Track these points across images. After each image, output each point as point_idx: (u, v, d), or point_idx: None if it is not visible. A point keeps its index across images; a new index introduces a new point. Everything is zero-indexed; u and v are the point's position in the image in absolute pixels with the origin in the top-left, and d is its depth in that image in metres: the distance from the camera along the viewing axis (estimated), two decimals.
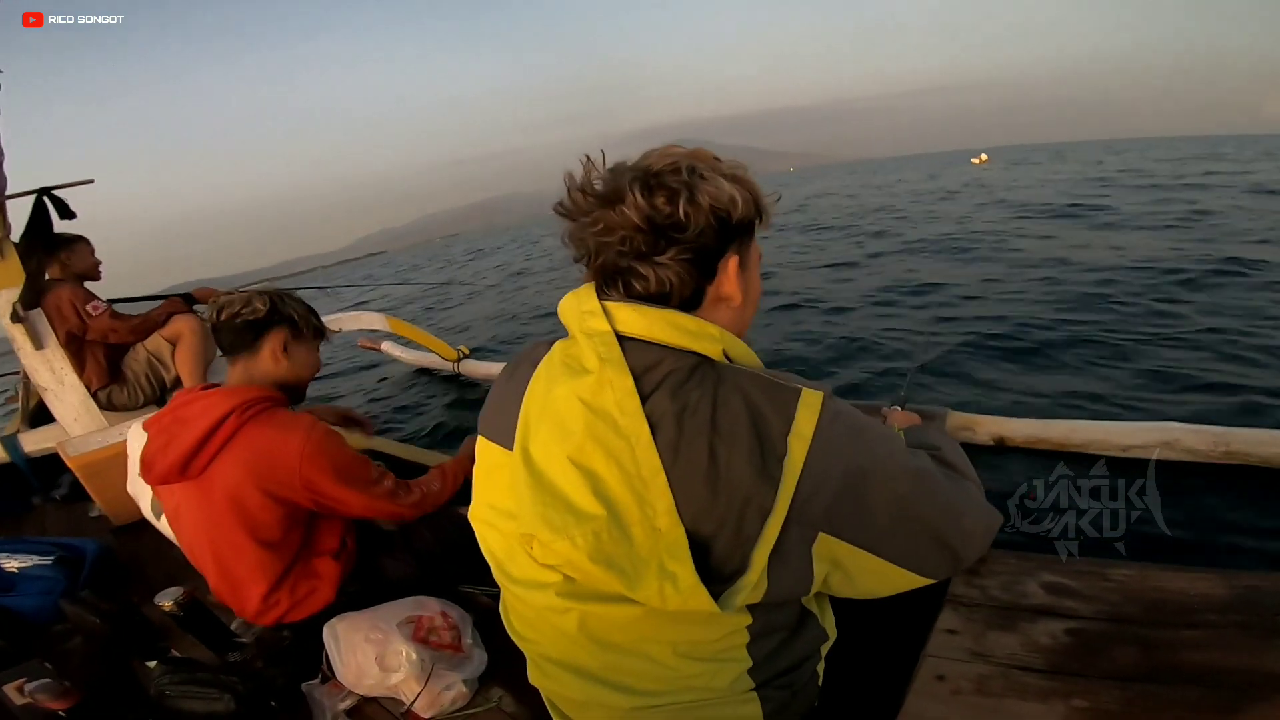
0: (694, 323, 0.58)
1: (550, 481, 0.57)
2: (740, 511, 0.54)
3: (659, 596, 0.54)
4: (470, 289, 10.47)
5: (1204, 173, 12.16)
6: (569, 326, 0.62)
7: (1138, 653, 0.74)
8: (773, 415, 0.54)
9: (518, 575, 0.65)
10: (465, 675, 1.09)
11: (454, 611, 1.21)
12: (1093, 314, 3.68)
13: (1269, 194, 8.21)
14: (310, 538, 1.25)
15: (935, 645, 0.80)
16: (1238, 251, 4.75)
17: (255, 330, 1.22)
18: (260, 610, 1.21)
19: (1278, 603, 0.77)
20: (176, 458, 1.12)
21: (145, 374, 2.41)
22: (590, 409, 0.56)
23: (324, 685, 1.14)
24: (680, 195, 0.55)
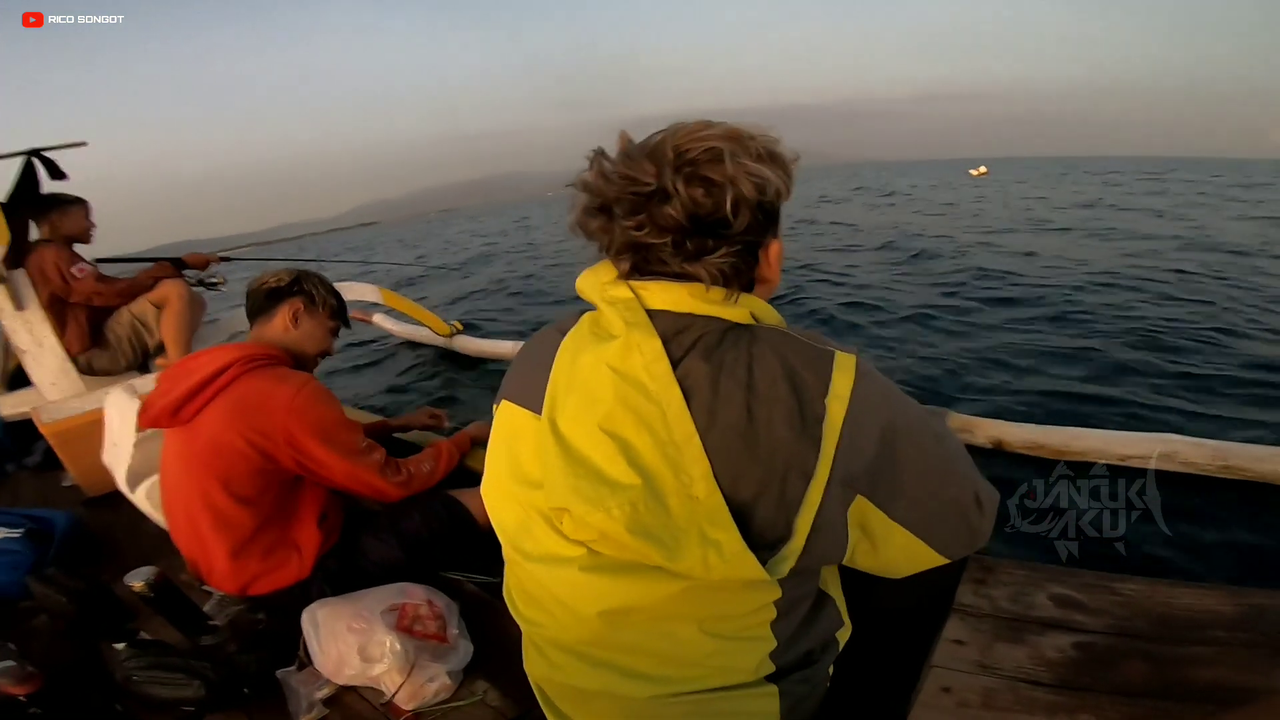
0: (723, 294, 0.57)
1: (580, 453, 0.54)
2: (782, 475, 0.52)
3: (702, 566, 0.52)
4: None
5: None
6: (590, 298, 0.60)
7: (1146, 668, 0.73)
8: (809, 376, 0.53)
9: (534, 551, 0.62)
10: (450, 667, 1.06)
11: (439, 600, 1.17)
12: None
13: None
14: (289, 502, 1.22)
15: (941, 656, 0.78)
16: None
17: (274, 297, 1.28)
18: (228, 573, 1.18)
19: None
20: (171, 400, 1.14)
21: (128, 338, 2.35)
22: (618, 374, 0.54)
23: (300, 673, 1.10)
24: (727, 190, 0.53)
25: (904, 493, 0.58)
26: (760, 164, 0.54)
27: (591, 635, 0.60)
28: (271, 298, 1.29)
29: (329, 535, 1.28)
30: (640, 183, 0.53)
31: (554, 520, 0.59)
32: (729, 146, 0.53)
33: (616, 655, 0.61)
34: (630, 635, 0.59)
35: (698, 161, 0.53)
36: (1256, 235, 6.94)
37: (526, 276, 8.30)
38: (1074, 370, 3.11)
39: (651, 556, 0.52)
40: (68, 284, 2.22)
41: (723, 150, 0.53)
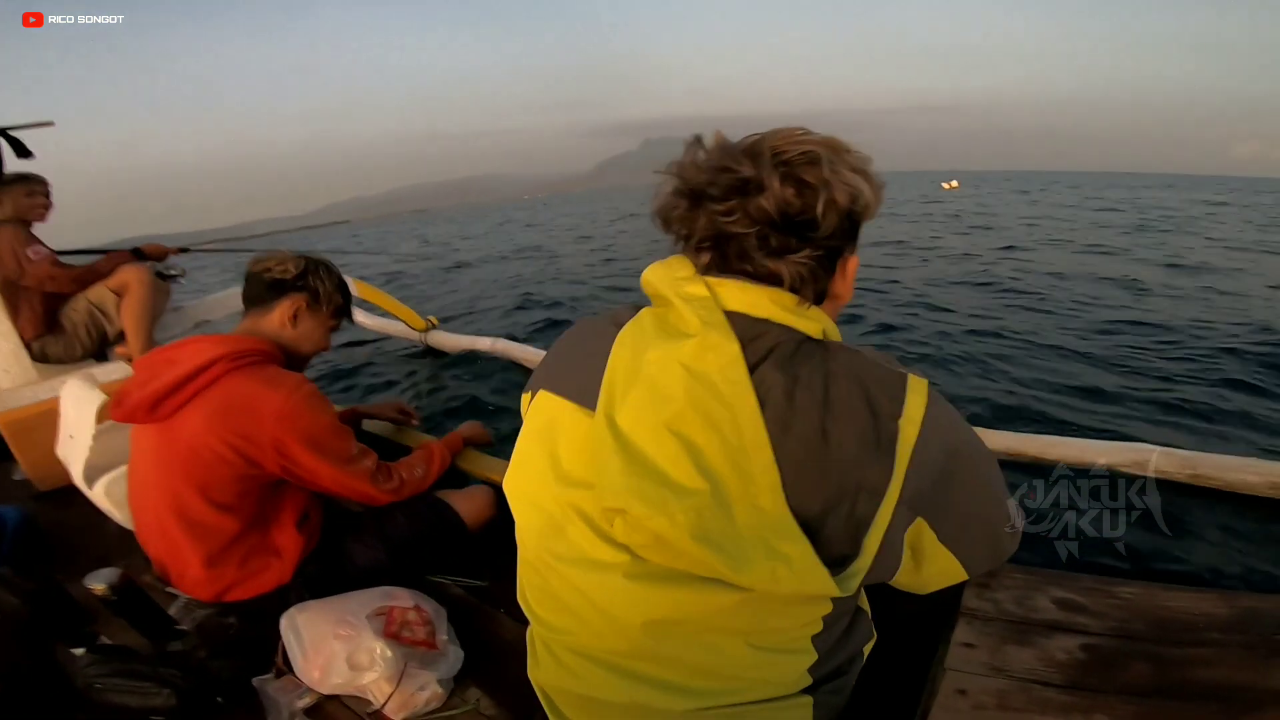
0: (800, 304, 0.57)
1: (641, 453, 0.52)
2: (854, 493, 0.52)
3: (770, 579, 0.50)
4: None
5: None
6: (662, 293, 0.58)
7: (1150, 669, 0.74)
8: (884, 397, 0.53)
9: (567, 553, 0.59)
10: (440, 675, 1.01)
11: (427, 604, 1.13)
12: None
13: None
14: (269, 506, 1.16)
15: (953, 659, 0.79)
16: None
17: (277, 289, 1.19)
18: (201, 581, 1.11)
19: (1276, 623, 0.78)
20: (149, 394, 1.05)
21: (85, 325, 2.22)
22: (691, 374, 0.52)
23: (279, 680, 1.04)
24: (820, 193, 0.53)
25: (956, 516, 0.59)
26: (855, 175, 0.55)
27: (629, 645, 0.58)
28: (273, 289, 1.19)
29: (310, 538, 1.22)
30: (735, 172, 0.53)
31: (599, 521, 0.56)
32: (827, 153, 0.54)
33: (651, 667, 0.58)
34: (672, 647, 0.57)
35: (794, 162, 0.53)
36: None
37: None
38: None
39: (713, 566, 0.50)
40: (21, 267, 2.10)
41: (820, 155, 0.54)
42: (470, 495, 1.42)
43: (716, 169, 0.54)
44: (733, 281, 0.56)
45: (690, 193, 0.56)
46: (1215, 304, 4.94)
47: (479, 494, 1.43)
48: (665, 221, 0.60)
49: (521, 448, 0.66)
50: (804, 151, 0.54)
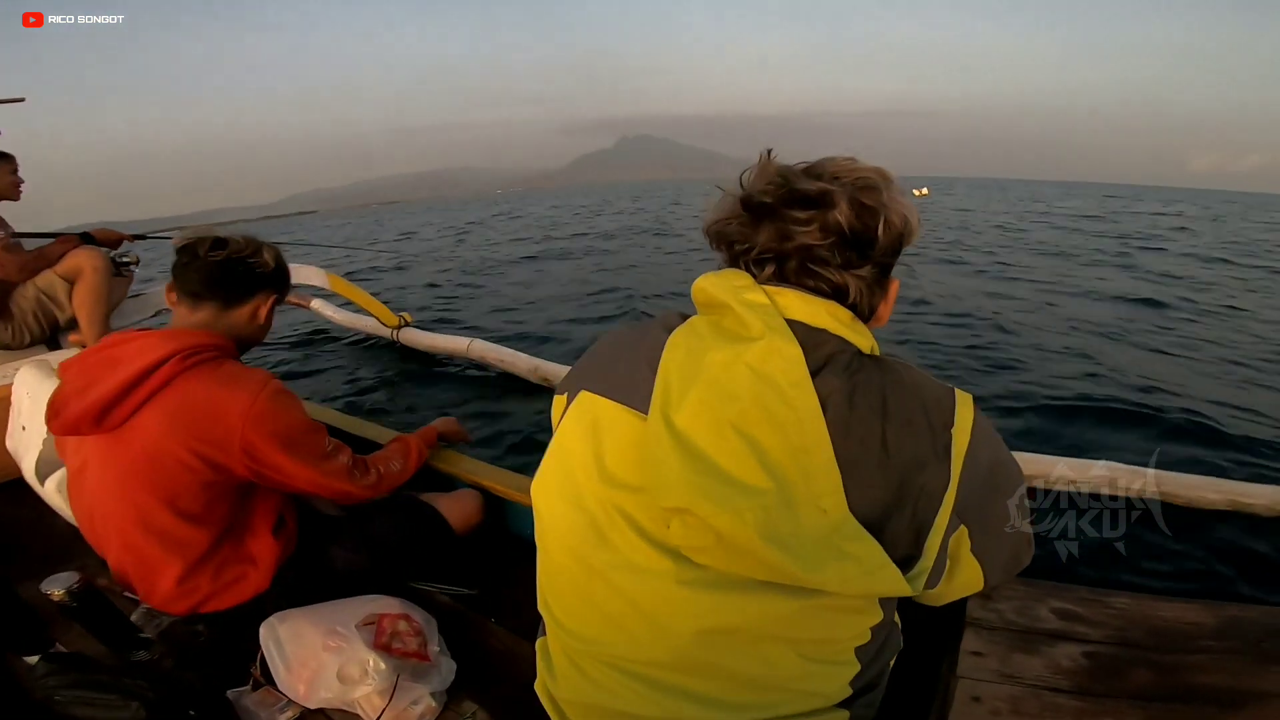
0: (850, 316, 0.59)
1: (702, 451, 0.52)
2: (915, 497, 0.53)
3: (840, 579, 0.51)
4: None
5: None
6: (721, 299, 0.58)
7: (1151, 675, 0.77)
8: (936, 408, 0.56)
9: (609, 558, 0.57)
10: (433, 687, 0.97)
11: (417, 614, 1.08)
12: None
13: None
14: (241, 513, 1.08)
15: (965, 667, 0.80)
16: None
17: (252, 284, 1.09)
18: (173, 596, 1.03)
19: (1260, 631, 0.83)
20: (93, 403, 0.93)
21: (34, 312, 2.07)
22: (757, 375, 0.53)
23: (256, 693, 0.98)
24: (880, 214, 0.57)
25: (991, 527, 0.61)
26: (904, 202, 0.59)
27: (673, 656, 0.56)
28: (250, 284, 1.08)
29: (287, 545, 1.14)
30: (805, 189, 0.55)
31: (648, 525, 0.56)
32: (881, 181, 0.57)
33: (693, 680, 0.57)
34: (723, 657, 0.56)
35: (856, 184, 0.57)
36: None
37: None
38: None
39: (783, 566, 0.50)
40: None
41: (878, 182, 0.57)
42: (457, 499, 1.37)
43: (786, 185, 0.57)
44: (793, 292, 0.58)
45: (758, 206, 0.58)
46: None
47: (466, 498, 1.39)
48: (721, 235, 0.62)
49: (560, 448, 0.64)
50: (861, 177, 0.57)
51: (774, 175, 0.58)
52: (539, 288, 7.04)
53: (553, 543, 0.64)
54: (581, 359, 0.70)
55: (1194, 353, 4.10)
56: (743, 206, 0.59)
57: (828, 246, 0.57)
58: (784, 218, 0.57)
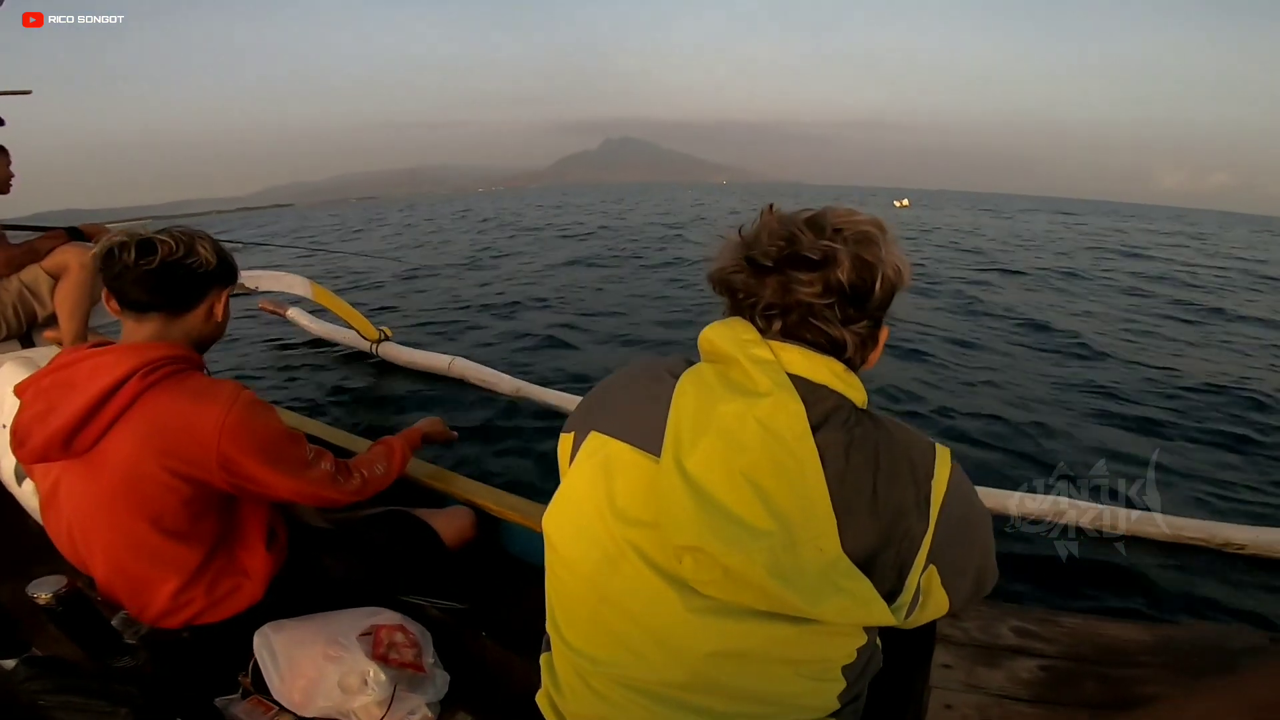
0: (849, 373, 0.64)
1: (713, 496, 0.57)
2: (900, 540, 0.59)
3: (838, 611, 0.56)
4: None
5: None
6: (728, 352, 0.62)
7: (1100, 686, 0.87)
8: (920, 463, 0.61)
9: (622, 587, 0.62)
10: (428, 698, 0.99)
11: (413, 626, 1.09)
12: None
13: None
14: (230, 526, 1.06)
15: (937, 678, 0.88)
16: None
17: (201, 286, 1.02)
18: (168, 610, 1.01)
19: (1190, 647, 0.94)
20: (58, 429, 0.90)
21: (14, 305, 1.99)
22: (765, 429, 0.58)
23: (245, 701, 0.97)
24: (878, 270, 0.60)
25: (960, 564, 0.66)
26: (898, 253, 0.63)
27: (687, 677, 0.61)
28: (198, 286, 1.02)
29: (279, 557, 1.13)
30: (810, 247, 0.59)
31: (659, 559, 0.60)
32: (878, 233, 0.62)
33: (704, 698, 0.61)
34: (730, 677, 0.61)
35: (857, 240, 0.60)
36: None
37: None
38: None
39: (788, 600, 0.56)
40: None
41: (876, 235, 0.61)
42: (451, 516, 1.39)
43: (788, 241, 0.59)
44: (795, 348, 0.62)
45: (760, 263, 0.61)
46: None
47: (459, 515, 1.41)
48: (726, 284, 0.64)
49: (572, 486, 0.68)
50: (861, 231, 0.60)
51: (779, 232, 0.60)
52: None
53: (564, 569, 0.68)
54: (588, 399, 0.74)
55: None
56: (747, 263, 0.62)
57: (828, 304, 0.60)
58: (788, 276, 0.60)
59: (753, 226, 0.64)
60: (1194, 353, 5.18)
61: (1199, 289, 8.60)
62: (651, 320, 5.69)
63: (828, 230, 0.60)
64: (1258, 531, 2.06)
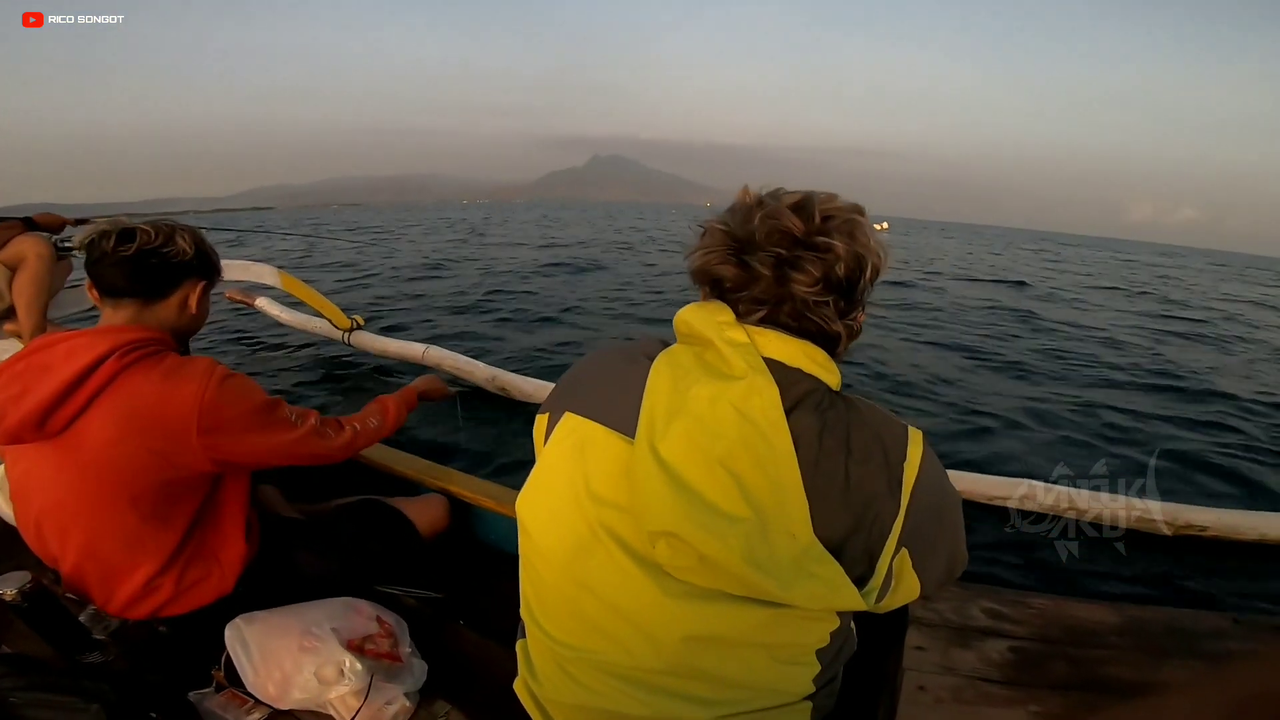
0: (824, 356, 0.63)
1: (688, 482, 0.56)
2: (870, 524, 0.59)
3: (809, 596, 0.56)
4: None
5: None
6: (705, 335, 0.62)
7: (1068, 667, 0.88)
8: (892, 445, 0.61)
9: (598, 571, 0.62)
10: (406, 688, 0.98)
11: (389, 616, 1.08)
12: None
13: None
14: (207, 512, 1.05)
15: (910, 660, 0.89)
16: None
17: (174, 275, 1.02)
18: (136, 598, 1.00)
19: (1157, 629, 0.96)
20: (32, 409, 0.89)
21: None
22: (741, 414, 0.57)
23: (219, 695, 0.96)
24: (868, 260, 0.60)
25: (931, 547, 0.66)
26: (875, 238, 0.62)
27: (664, 661, 0.61)
28: (172, 275, 1.02)
29: (253, 547, 1.12)
30: (806, 241, 0.58)
31: (634, 543, 0.60)
32: (861, 219, 0.61)
33: (681, 682, 0.62)
34: (706, 661, 0.61)
35: (845, 230, 0.59)
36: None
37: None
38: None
39: (762, 586, 0.56)
40: None
41: (860, 221, 0.60)
42: (425, 504, 1.38)
43: (783, 234, 0.58)
44: (772, 332, 0.61)
45: (757, 256, 0.59)
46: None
47: (433, 503, 1.39)
48: (708, 274, 0.63)
49: (547, 467, 0.67)
50: (848, 220, 0.59)
51: (771, 225, 0.59)
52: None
53: (539, 556, 0.67)
54: (564, 379, 0.73)
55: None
56: (737, 253, 0.60)
57: (824, 300, 0.60)
58: (785, 272, 0.59)
59: (736, 214, 0.62)
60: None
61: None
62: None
63: (817, 219, 0.59)
64: (1219, 514, 2.13)
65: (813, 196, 0.61)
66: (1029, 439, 3.26)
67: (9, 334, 1.96)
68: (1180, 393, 4.36)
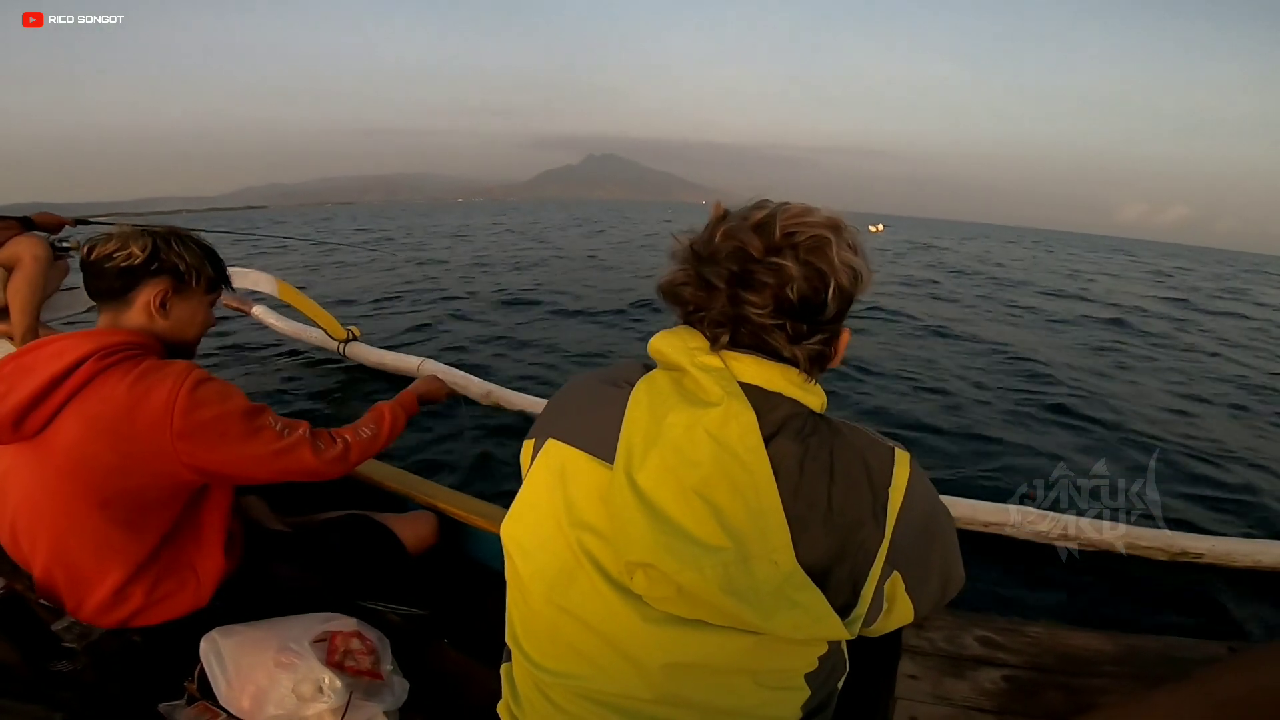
0: (803, 378, 0.62)
1: (664, 512, 0.55)
2: (854, 552, 0.57)
3: (791, 626, 0.55)
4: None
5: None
6: (677, 361, 0.61)
7: (1063, 696, 0.87)
8: (878, 468, 0.59)
9: (579, 598, 0.60)
10: (386, 706, 0.95)
11: (370, 633, 1.06)
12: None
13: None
14: (186, 521, 1.02)
15: (903, 689, 0.87)
16: None
17: (128, 279, 1.01)
18: (105, 606, 0.97)
19: (1153, 658, 0.95)
20: (10, 409, 0.89)
21: None
22: (717, 441, 0.56)
23: (190, 708, 0.93)
24: (830, 279, 0.57)
25: (923, 570, 0.64)
26: (854, 255, 0.60)
27: (646, 688, 0.59)
28: (124, 279, 1.01)
29: (233, 561, 1.09)
30: (756, 261, 0.57)
31: (613, 571, 0.58)
32: (833, 235, 0.58)
33: (663, 709, 0.60)
34: (689, 688, 0.59)
35: (807, 247, 0.57)
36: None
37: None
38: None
39: (741, 616, 0.54)
40: None
41: (829, 239, 0.57)
42: (412, 520, 1.35)
43: (737, 253, 0.57)
44: (748, 356, 0.60)
45: (709, 279, 0.58)
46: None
47: (421, 519, 1.37)
48: (675, 296, 0.62)
49: (530, 492, 0.66)
50: (814, 236, 0.57)
51: (727, 244, 0.58)
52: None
53: (523, 583, 0.66)
54: (548, 406, 0.72)
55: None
56: (698, 272, 0.60)
57: (778, 325, 0.58)
58: (736, 293, 0.58)
59: (703, 233, 0.61)
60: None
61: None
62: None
63: (777, 236, 0.57)
64: (1214, 541, 2.12)
65: (778, 212, 0.58)
66: None
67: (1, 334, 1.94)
68: None
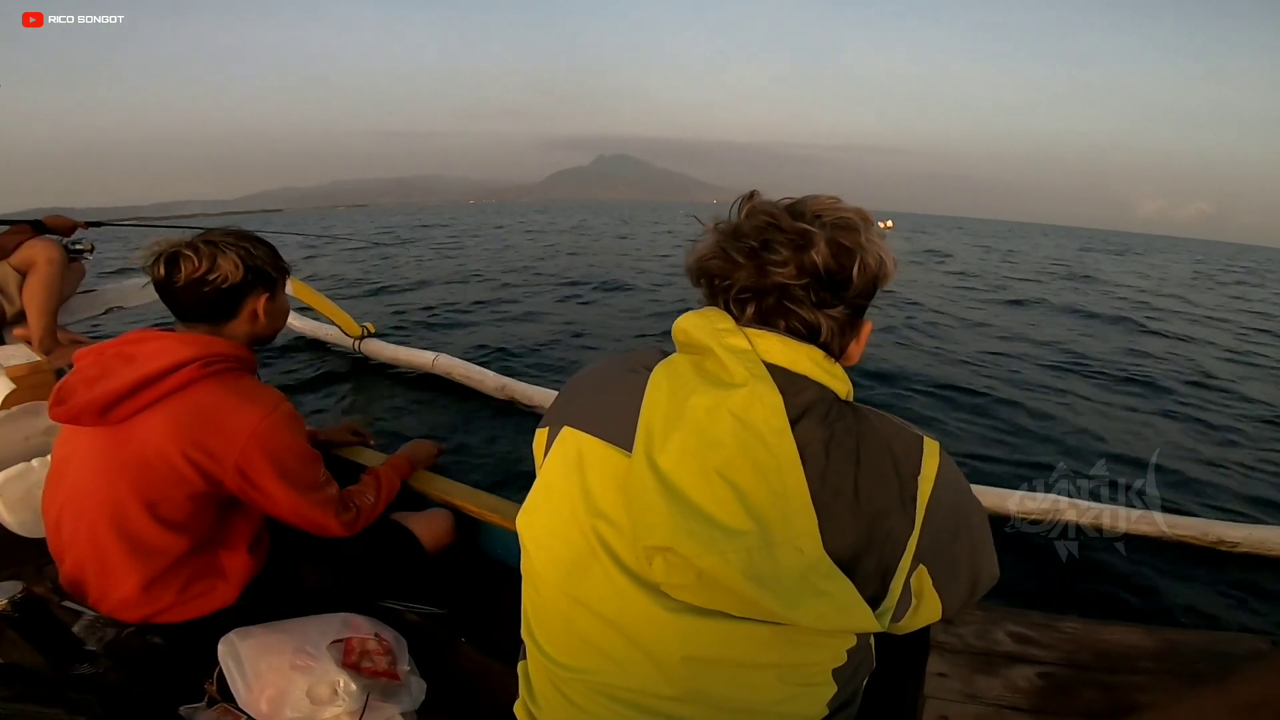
0: (831, 362, 0.60)
1: (686, 495, 0.53)
2: (882, 541, 0.55)
3: (816, 615, 0.52)
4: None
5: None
6: (703, 342, 0.60)
7: (1100, 694, 0.83)
8: (905, 457, 0.57)
9: (594, 589, 0.59)
10: (403, 707, 0.95)
11: (387, 633, 1.05)
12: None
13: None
14: (222, 526, 1.05)
15: (932, 687, 0.84)
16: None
17: (232, 298, 1.03)
18: (132, 603, 0.98)
19: (1193, 653, 0.91)
20: (102, 395, 0.92)
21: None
22: (741, 422, 0.54)
23: (211, 710, 0.93)
24: (856, 256, 0.58)
25: (952, 564, 0.62)
26: (881, 244, 0.60)
27: (666, 684, 0.58)
28: (228, 298, 1.02)
29: (261, 560, 1.11)
30: (785, 229, 0.57)
31: (629, 560, 0.57)
32: (860, 222, 0.59)
33: (682, 706, 0.58)
34: (708, 683, 0.57)
35: (835, 225, 0.58)
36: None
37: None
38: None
39: (763, 604, 0.52)
40: None
41: (856, 223, 0.58)
42: (429, 519, 1.35)
43: (766, 224, 0.58)
44: (774, 336, 0.59)
45: (739, 245, 0.59)
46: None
47: (438, 517, 1.37)
48: (703, 271, 0.62)
49: (545, 483, 0.65)
50: (842, 217, 0.58)
51: (759, 215, 0.59)
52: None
53: (538, 575, 0.65)
54: (562, 393, 0.71)
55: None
56: (723, 244, 0.60)
57: (803, 286, 0.58)
58: (762, 257, 0.58)
59: (732, 211, 0.62)
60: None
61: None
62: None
63: (808, 215, 0.58)
64: (1250, 529, 2.05)
65: (811, 198, 0.60)
66: None
67: (19, 339, 1.96)
68: None
